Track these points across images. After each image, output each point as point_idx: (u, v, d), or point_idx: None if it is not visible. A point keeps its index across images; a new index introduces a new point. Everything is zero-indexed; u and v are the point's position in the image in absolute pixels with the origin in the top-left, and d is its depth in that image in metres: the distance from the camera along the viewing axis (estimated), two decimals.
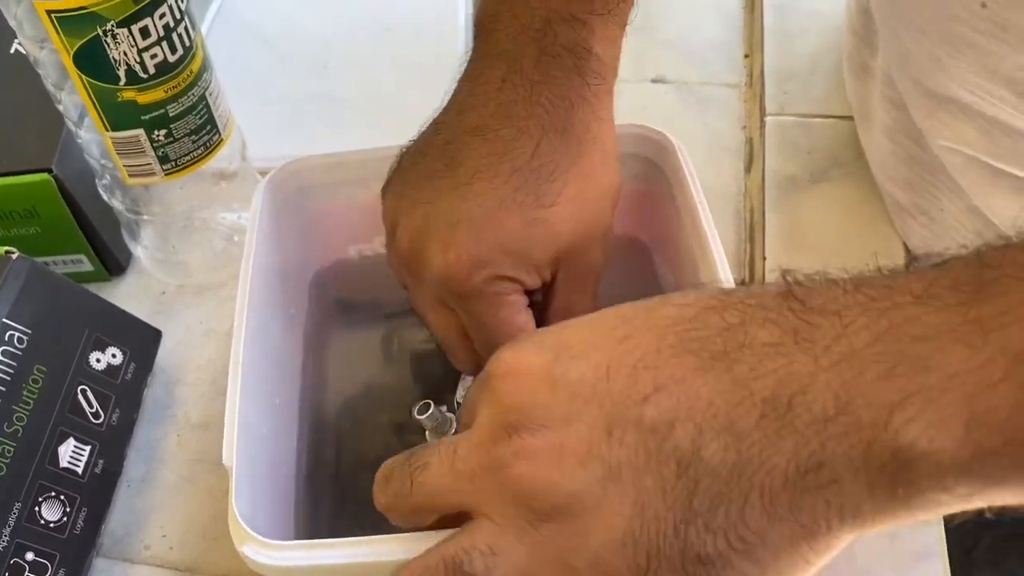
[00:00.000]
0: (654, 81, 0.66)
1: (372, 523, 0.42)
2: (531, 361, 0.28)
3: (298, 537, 0.41)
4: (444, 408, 0.39)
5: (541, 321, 0.39)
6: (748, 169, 0.59)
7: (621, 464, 0.25)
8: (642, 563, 0.25)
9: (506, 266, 0.37)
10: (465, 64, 0.40)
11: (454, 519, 0.29)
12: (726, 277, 0.39)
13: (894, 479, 0.23)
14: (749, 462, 0.24)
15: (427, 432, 0.39)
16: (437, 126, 0.40)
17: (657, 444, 0.25)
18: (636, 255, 0.51)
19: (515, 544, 0.27)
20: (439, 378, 0.45)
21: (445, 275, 0.37)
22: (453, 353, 0.41)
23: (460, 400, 0.42)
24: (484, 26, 0.40)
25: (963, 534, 0.59)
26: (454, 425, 0.38)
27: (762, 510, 0.24)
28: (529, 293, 0.39)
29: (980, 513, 0.25)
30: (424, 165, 0.39)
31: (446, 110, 0.40)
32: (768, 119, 0.59)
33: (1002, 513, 0.25)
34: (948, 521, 0.44)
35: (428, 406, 0.37)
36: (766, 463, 0.24)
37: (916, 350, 0.23)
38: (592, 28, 0.38)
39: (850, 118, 0.58)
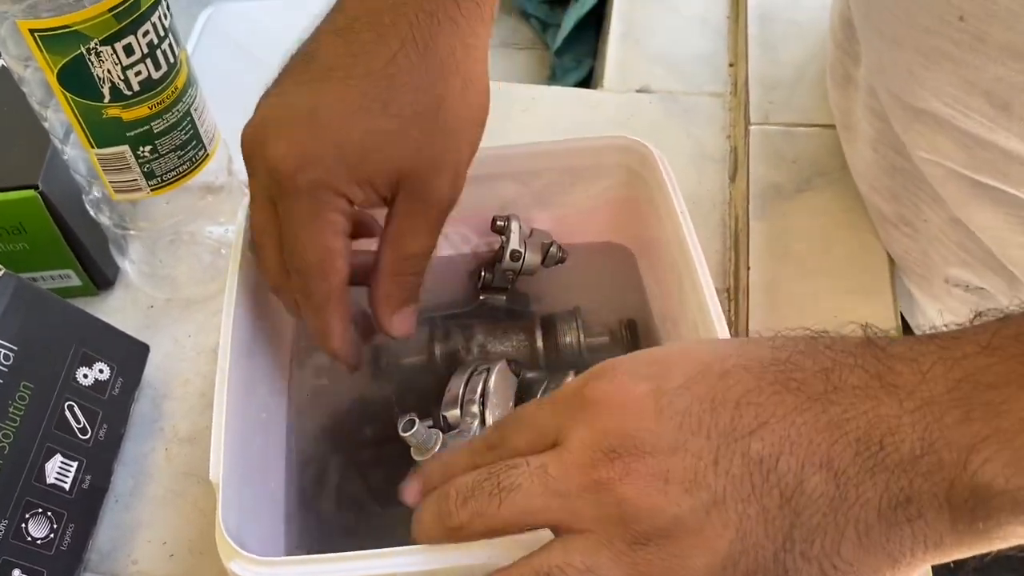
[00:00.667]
0: (639, 91, 0.66)
1: (360, 538, 0.42)
2: (633, 388, 0.29)
3: (286, 553, 0.41)
4: (429, 423, 0.40)
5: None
6: (733, 178, 0.60)
7: (726, 492, 0.27)
8: None
9: (336, 173, 0.36)
10: None
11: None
12: (707, 283, 0.39)
13: (974, 514, 0.25)
14: (846, 497, 0.26)
15: (411, 449, 0.39)
16: (315, 31, 0.39)
17: (763, 476, 0.27)
18: (620, 261, 0.52)
19: (611, 565, 0.28)
20: (426, 392, 0.45)
21: (272, 167, 0.36)
22: (261, 255, 0.40)
23: (447, 414, 0.42)
24: None
25: None
26: (439, 441, 0.38)
27: (856, 541, 0.26)
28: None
29: None
30: (288, 64, 0.38)
31: (326, 15, 0.39)
32: (753, 128, 0.60)
33: None
34: None
35: (413, 423, 0.37)
36: (861, 497, 0.26)
37: (988, 397, 0.25)
38: None
39: (834, 127, 0.59)
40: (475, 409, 0.41)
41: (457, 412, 0.41)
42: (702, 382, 0.29)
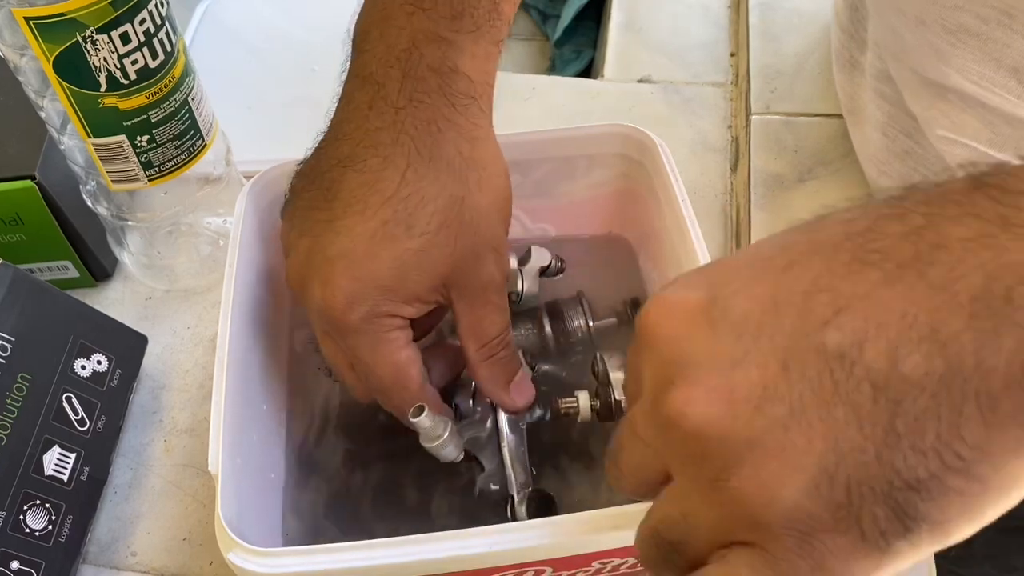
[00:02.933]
0: (640, 81, 0.66)
1: (359, 529, 0.42)
2: (682, 304, 0.26)
3: (285, 544, 0.41)
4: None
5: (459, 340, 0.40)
6: (734, 168, 0.59)
7: (804, 400, 0.23)
8: (842, 501, 0.23)
9: (382, 302, 0.37)
10: (342, 82, 0.40)
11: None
12: None
13: None
14: (960, 370, 0.22)
15: (420, 436, 0.38)
16: (318, 152, 0.40)
17: (846, 370, 0.23)
18: (621, 252, 0.51)
19: (703, 507, 0.25)
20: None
21: (324, 312, 0.38)
22: (344, 381, 0.41)
23: (459, 403, 0.42)
24: (357, 45, 0.39)
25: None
26: (447, 428, 0.38)
27: (980, 420, 0.22)
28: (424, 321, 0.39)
29: None
30: (307, 194, 0.39)
31: (326, 134, 0.40)
32: (754, 118, 0.59)
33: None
34: None
35: (422, 409, 0.37)
36: (981, 365, 0.22)
37: None
38: (460, 47, 0.38)
39: (836, 116, 0.58)
40: (488, 399, 0.41)
41: (469, 402, 0.42)
42: (763, 280, 0.25)
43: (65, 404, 0.44)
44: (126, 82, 0.44)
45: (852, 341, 0.23)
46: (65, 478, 0.43)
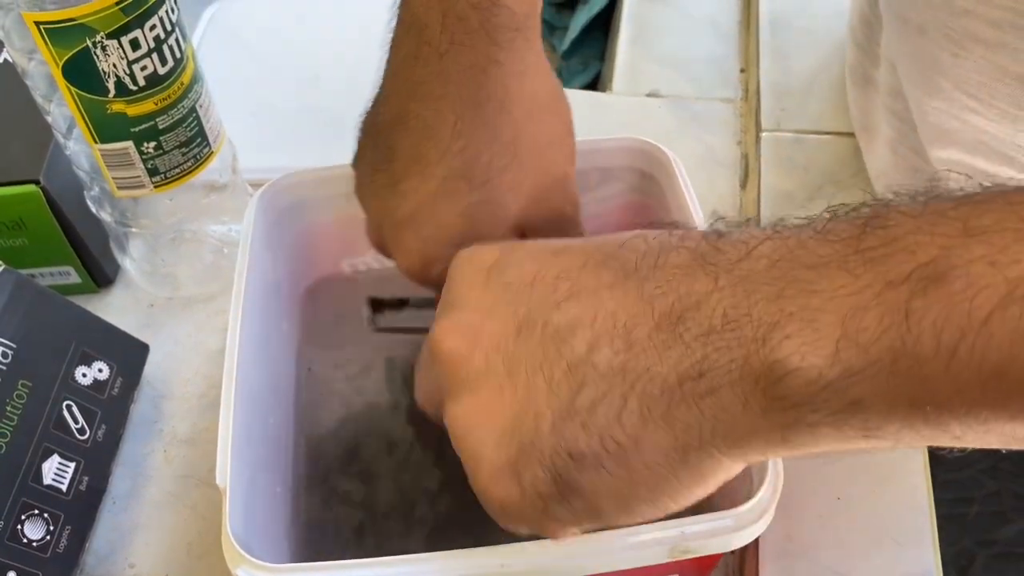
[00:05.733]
0: (649, 95, 0.65)
1: (367, 545, 0.42)
2: (475, 259, 0.31)
3: (292, 559, 0.40)
4: None
5: None
6: (744, 185, 0.59)
7: (520, 362, 0.28)
8: (512, 456, 0.27)
9: (452, 249, 0.36)
10: (391, 29, 0.39)
11: None
12: None
13: (766, 393, 0.24)
14: (634, 368, 0.26)
15: None
16: (375, 106, 0.39)
17: (556, 347, 0.27)
18: None
19: (452, 420, 0.30)
20: None
21: (408, 274, 0.38)
22: None
23: None
24: None
25: (959, 552, 0.58)
26: None
27: (639, 414, 0.26)
28: None
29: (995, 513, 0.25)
30: (369, 153, 0.39)
31: (381, 85, 0.39)
32: (764, 135, 0.59)
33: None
34: (944, 540, 0.44)
35: None
36: (650, 370, 0.25)
37: (805, 276, 0.24)
38: None
39: (847, 135, 0.58)
40: None
41: None
42: (535, 258, 0.30)
43: (65, 412, 0.44)
44: (135, 88, 0.43)
45: (568, 324, 0.27)
46: (64, 488, 0.43)
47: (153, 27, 0.42)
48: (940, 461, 0.55)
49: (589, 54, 0.89)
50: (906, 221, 0.23)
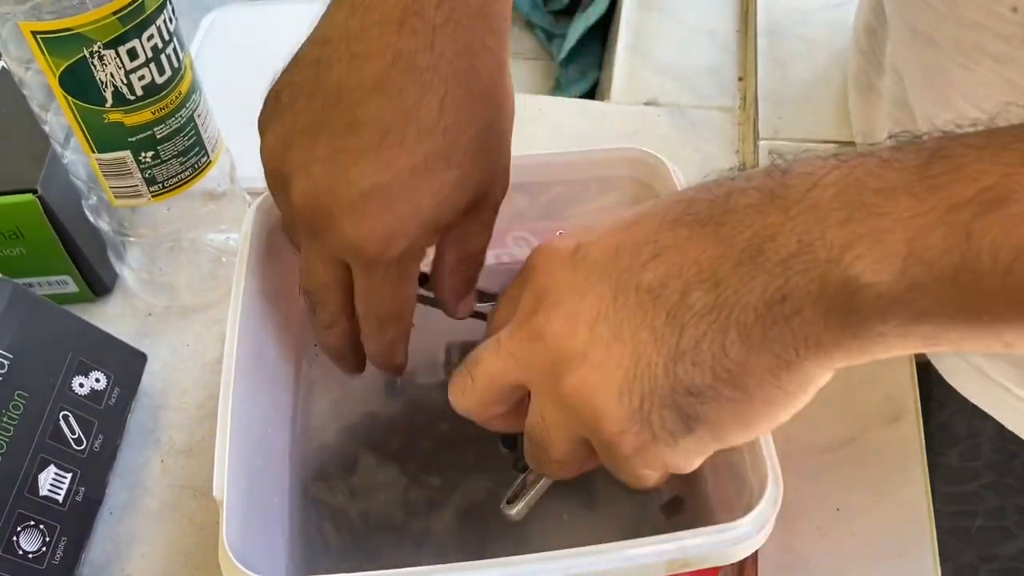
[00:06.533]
0: (647, 104, 0.65)
1: (365, 557, 0.41)
2: (557, 250, 0.33)
3: (289, 571, 0.40)
4: None
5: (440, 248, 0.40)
6: None
7: (622, 323, 0.30)
8: (636, 405, 0.30)
9: (421, 236, 0.37)
10: None
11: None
12: None
13: (844, 308, 0.27)
14: (726, 302, 0.28)
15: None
16: (321, 62, 0.36)
17: (652, 301, 0.29)
18: None
19: (554, 410, 0.32)
20: (435, 405, 0.44)
21: (355, 244, 0.36)
22: (324, 306, 0.39)
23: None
24: None
25: (961, 566, 0.58)
26: None
27: (740, 342, 0.28)
28: None
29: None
30: (315, 113, 0.36)
31: (331, 39, 0.37)
32: (762, 143, 0.59)
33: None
34: (947, 554, 0.44)
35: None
36: (740, 301, 0.28)
37: (872, 200, 0.26)
38: None
39: (845, 143, 0.58)
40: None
41: None
42: (614, 233, 0.32)
43: (62, 422, 0.44)
44: (132, 98, 0.43)
45: (659, 280, 0.29)
46: (60, 498, 0.43)
47: (151, 37, 0.42)
48: (943, 474, 0.55)
49: (587, 62, 0.89)
50: (969, 152, 0.26)
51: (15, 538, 0.40)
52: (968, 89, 0.41)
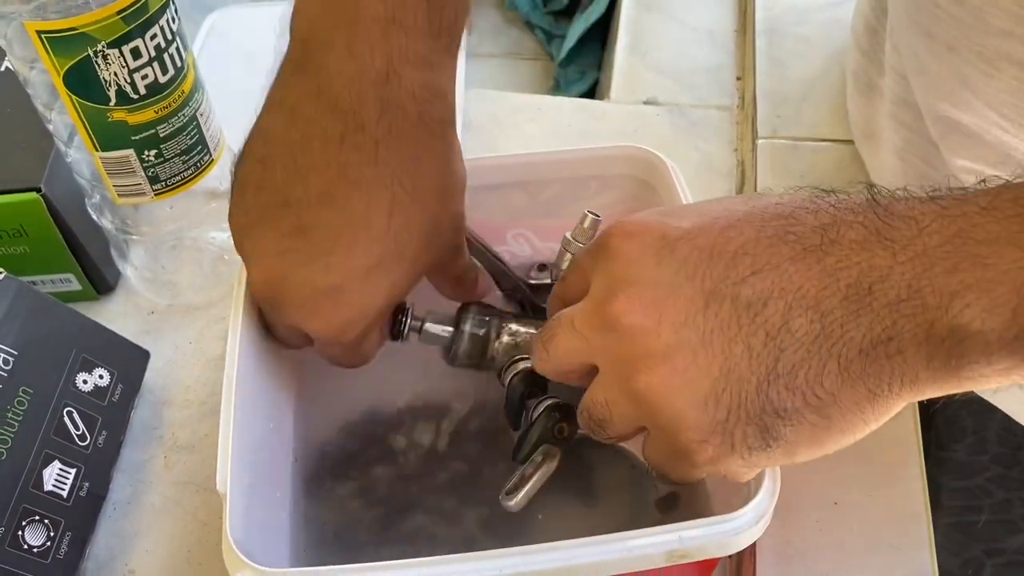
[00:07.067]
0: (646, 103, 0.66)
1: (367, 550, 0.42)
2: (640, 233, 0.32)
3: (292, 564, 0.40)
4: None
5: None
6: (740, 191, 0.59)
7: (713, 332, 0.30)
8: (722, 418, 0.30)
9: (375, 319, 0.39)
10: (280, 72, 0.38)
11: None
12: None
13: (949, 352, 0.28)
14: (831, 334, 0.29)
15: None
16: (266, 161, 0.37)
17: (750, 318, 0.29)
18: None
19: (621, 397, 0.32)
20: (435, 399, 0.44)
21: (310, 331, 0.39)
22: (296, 346, 0.42)
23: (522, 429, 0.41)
24: (313, 52, 0.36)
25: (966, 561, 0.58)
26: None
27: (837, 374, 0.29)
28: None
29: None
30: (263, 209, 0.37)
31: (273, 141, 0.37)
32: (760, 142, 0.59)
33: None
34: (952, 548, 0.44)
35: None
36: (845, 335, 0.29)
37: (977, 251, 0.27)
38: (441, 67, 0.37)
39: (843, 142, 0.58)
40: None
41: None
42: (706, 233, 0.31)
43: (66, 419, 0.44)
44: (135, 96, 0.44)
45: (759, 297, 0.29)
46: (65, 494, 0.43)
47: (154, 36, 0.43)
48: (950, 469, 0.55)
49: (586, 62, 0.90)
50: None
51: (20, 533, 0.41)
52: (990, 95, 0.41)
